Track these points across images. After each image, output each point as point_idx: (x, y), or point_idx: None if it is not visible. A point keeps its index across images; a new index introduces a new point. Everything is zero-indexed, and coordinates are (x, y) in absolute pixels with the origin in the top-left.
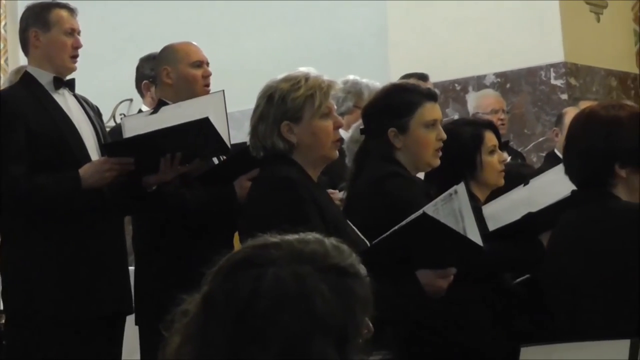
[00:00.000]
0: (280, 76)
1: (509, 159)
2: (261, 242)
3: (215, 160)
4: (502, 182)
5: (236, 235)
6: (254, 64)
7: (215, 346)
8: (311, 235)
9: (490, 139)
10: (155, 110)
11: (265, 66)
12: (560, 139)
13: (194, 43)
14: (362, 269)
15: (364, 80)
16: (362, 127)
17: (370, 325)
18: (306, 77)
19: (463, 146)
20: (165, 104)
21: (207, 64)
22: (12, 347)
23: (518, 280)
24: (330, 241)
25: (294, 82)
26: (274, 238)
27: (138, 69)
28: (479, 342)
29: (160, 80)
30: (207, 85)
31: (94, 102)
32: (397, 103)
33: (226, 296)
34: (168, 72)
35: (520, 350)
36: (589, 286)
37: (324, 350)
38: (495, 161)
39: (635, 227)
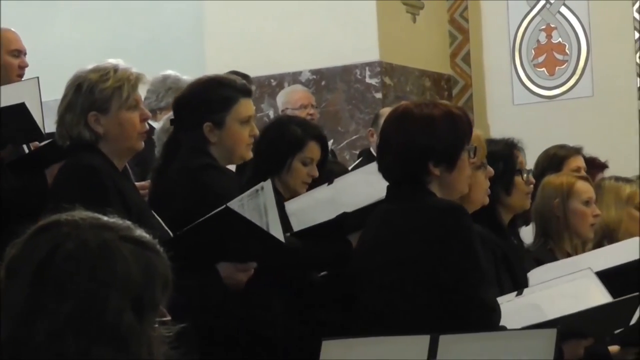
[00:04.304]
0: (89, 66)
1: None
2: (66, 213)
3: (26, 148)
4: (303, 191)
5: None
6: (70, 54)
7: (14, 305)
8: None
9: (312, 149)
10: None
11: (81, 56)
12: (376, 138)
13: (13, 30)
14: (163, 252)
15: (185, 77)
16: (172, 118)
17: (166, 312)
18: (115, 69)
19: (281, 144)
20: None
21: (25, 54)
22: None
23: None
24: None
25: (103, 73)
26: (81, 212)
27: None
28: (280, 336)
29: None
30: (21, 76)
31: None
32: (214, 98)
33: (27, 254)
34: None
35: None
36: (395, 281)
37: (120, 311)
38: (304, 172)
39: (444, 224)
